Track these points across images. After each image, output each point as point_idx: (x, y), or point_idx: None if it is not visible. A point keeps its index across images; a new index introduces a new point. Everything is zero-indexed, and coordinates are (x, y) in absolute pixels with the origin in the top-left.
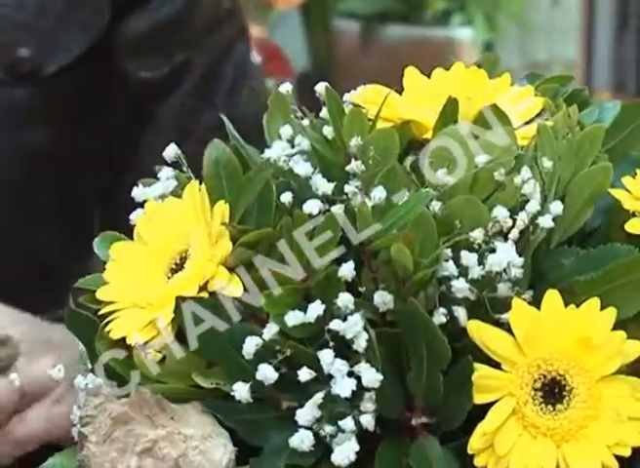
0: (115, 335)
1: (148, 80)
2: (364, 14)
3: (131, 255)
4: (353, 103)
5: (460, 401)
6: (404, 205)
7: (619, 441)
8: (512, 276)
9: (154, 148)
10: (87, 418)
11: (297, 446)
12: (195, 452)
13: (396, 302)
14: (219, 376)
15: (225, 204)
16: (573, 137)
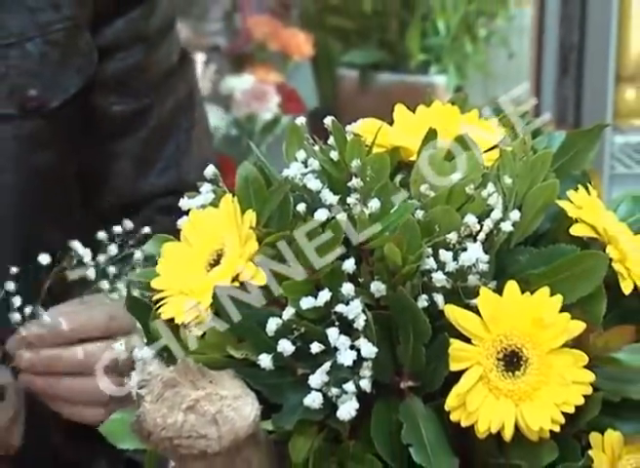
0: (165, 317)
1: (120, 113)
2: (361, 64)
3: (177, 253)
4: (354, 133)
5: (439, 368)
6: (394, 213)
7: (565, 401)
8: (480, 270)
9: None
10: (143, 382)
11: (309, 404)
12: (229, 409)
13: (388, 290)
14: (247, 349)
15: (253, 212)
16: (527, 160)
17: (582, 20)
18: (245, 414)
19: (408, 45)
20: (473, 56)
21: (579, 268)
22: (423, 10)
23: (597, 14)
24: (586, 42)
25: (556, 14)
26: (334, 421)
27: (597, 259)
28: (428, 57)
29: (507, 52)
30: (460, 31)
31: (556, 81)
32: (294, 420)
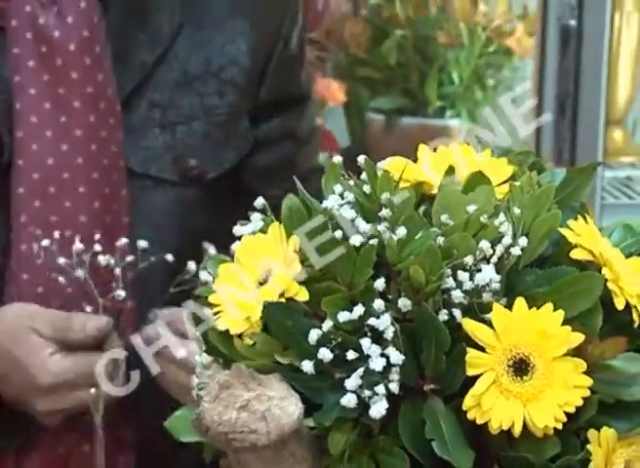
0: (221, 327)
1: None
2: (386, 109)
3: (231, 273)
4: (383, 170)
5: (457, 373)
6: (418, 239)
7: (566, 402)
8: (493, 288)
9: None
10: (202, 384)
11: (345, 404)
12: (276, 408)
13: (413, 306)
14: (292, 356)
15: (297, 237)
16: (533, 193)
17: (577, 72)
18: (290, 413)
19: (427, 93)
20: (483, 102)
21: (578, 287)
22: (440, 63)
23: (590, 66)
24: (580, 90)
25: (554, 66)
26: (366, 419)
27: (594, 279)
28: (444, 103)
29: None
30: (471, 81)
31: (554, 123)
32: (332, 418)
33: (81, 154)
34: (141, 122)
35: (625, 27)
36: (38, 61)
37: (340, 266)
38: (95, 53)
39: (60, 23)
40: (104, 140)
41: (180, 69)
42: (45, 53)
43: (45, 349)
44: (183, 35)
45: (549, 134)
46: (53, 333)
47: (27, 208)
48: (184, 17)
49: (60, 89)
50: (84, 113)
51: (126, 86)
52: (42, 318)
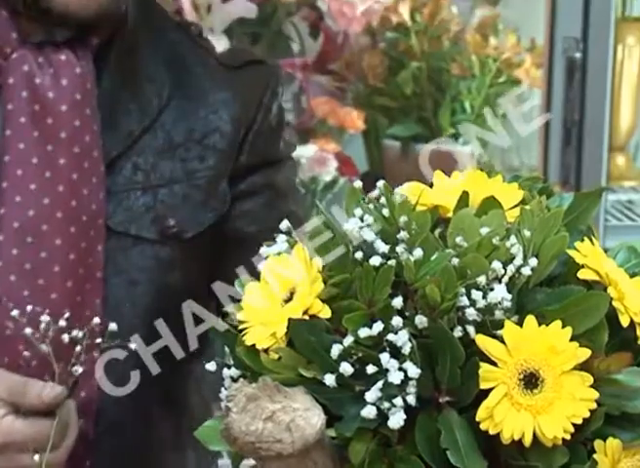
0: (249, 343)
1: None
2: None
3: (258, 291)
4: (401, 194)
5: (471, 386)
6: (434, 260)
7: (574, 414)
8: (504, 306)
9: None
10: (230, 396)
11: (366, 415)
12: (300, 419)
13: (429, 323)
14: (315, 370)
15: (319, 258)
16: (543, 217)
17: (582, 102)
18: (313, 423)
19: (440, 121)
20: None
21: (585, 305)
22: (453, 92)
23: (594, 96)
24: (585, 119)
25: (560, 96)
26: (385, 429)
27: (600, 298)
28: (457, 131)
29: None
30: (482, 110)
31: (560, 150)
32: (353, 428)
33: (61, 208)
34: (125, 184)
35: (627, 60)
36: (30, 119)
37: (361, 285)
38: (85, 115)
39: (55, 85)
40: (85, 198)
41: (164, 138)
42: (37, 111)
43: None
44: (171, 107)
45: (556, 159)
46: (7, 397)
47: (5, 254)
48: (173, 90)
49: (48, 146)
50: (68, 171)
51: (112, 150)
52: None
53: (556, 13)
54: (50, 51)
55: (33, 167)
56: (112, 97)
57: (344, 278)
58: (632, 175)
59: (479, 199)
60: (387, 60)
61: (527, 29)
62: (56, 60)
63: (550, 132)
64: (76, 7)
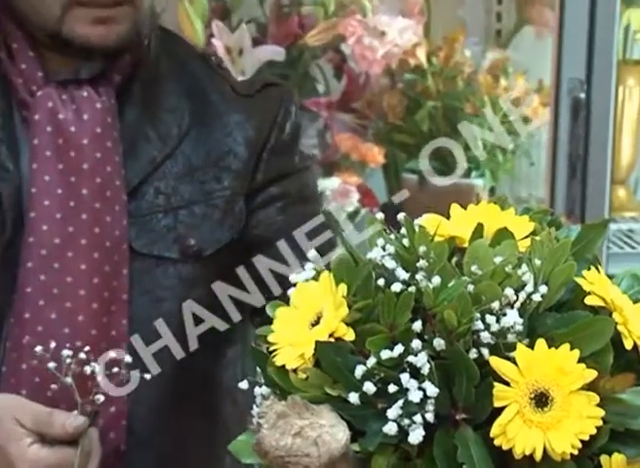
0: (279, 363)
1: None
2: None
3: (287, 315)
4: (420, 225)
5: (486, 404)
6: (451, 287)
7: (581, 430)
8: (516, 330)
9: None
10: (261, 413)
11: (387, 431)
12: (326, 434)
13: (446, 345)
14: (340, 388)
15: (344, 285)
16: (552, 247)
17: (586, 138)
18: (338, 438)
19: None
20: (503, 164)
21: (591, 329)
22: None
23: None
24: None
25: (566, 133)
26: (406, 444)
27: (606, 323)
28: (470, 165)
29: (529, 161)
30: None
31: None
32: (375, 443)
33: (85, 236)
34: (148, 208)
35: (628, 100)
36: (55, 152)
37: (383, 310)
38: (105, 147)
39: (77, 120)
40: (108, 225)
41: (184, 163)
42: (61, 145)
43: (25, 439)
44: (190, 135)
45: (562, 192)
46: (34, 427)
47: (33, 280)
48: (193, 119)
49: (71, 177)
50: (91, 200)
51: (134, 178)
52: (27, 411)
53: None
54: (73, 88)
55: (58, 197)
56: (134, 128)
57: (367, 303)
58: (632, 206)
59: (493, 230)
60: (406, 100)
61: (535, 71)
62: (78, 97)
63: (557, 165)
64: (97, 38)
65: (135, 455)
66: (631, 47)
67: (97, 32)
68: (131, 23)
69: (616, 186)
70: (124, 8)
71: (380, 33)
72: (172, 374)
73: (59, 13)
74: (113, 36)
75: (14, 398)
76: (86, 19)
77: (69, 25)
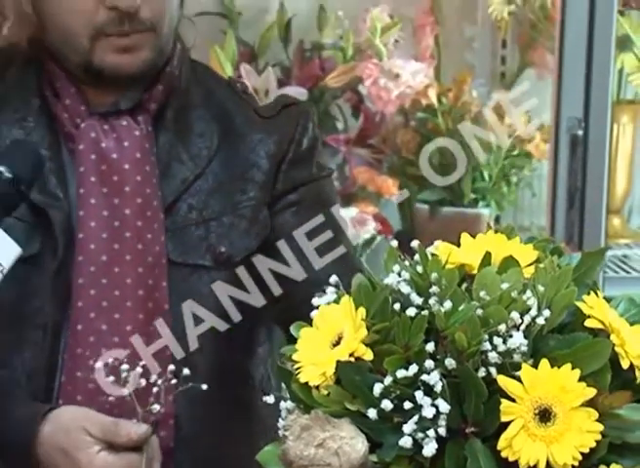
0: (302, 380)
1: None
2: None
3: (310, 336)
4: (432, 253)
5: (493, 419)
6: (461, 311)
7: (582, 444)
8: (522, 351)
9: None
10: (287, 426)
11: (403, 444)
12: (347, 446)
13: (457, 365)
14: (359, 404)
15: (363, 309)
16: (554, 274)
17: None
18: (358, 449)
19: (463, 188)
20: (508, 195)
21: (591, 350)
22: (474, 164)
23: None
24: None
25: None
26: (420, 456)
27: (604, 344)
28: (477, 196)
29: (531, 193)
30: (498, 179)
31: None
32: (392, 455)
33: (129, 252)
34: (182, 222)
35: (622, 136)
36: (99, 177)
37: (398, 332)
38: (144, 171)
39: (118, 147)
40: (149, 241)
41: (214, 180)
42: (104, 170)
43: (94, 447)
44: (219, 156)
45: (562, 221)
46: (102, 435)
47: (85, 295)
48: (221, 142)
49: (115, 199)
50: (133, 219)
51: (169, 196)
52: (94, 421)
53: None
54: (113, 118)
55: (104, 218)
56: (168, 151)
57: (384, 326)
58: (627, 233)
59: (500, 258)
60: (418, 136)
61: (536, 110)
62: (118, 126)
63: (557, 196)
64: (124, 66)
65: (182, 453)
66: (625, 88)
67: (124, 60)
68: (154, 49)
69: (611, 215)
70: (144, 35)
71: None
72: (210, 373)
73: (87, 45)
74: (139, 62)
75: (81, 410)
76: (112, 49)
77: (99, 56)
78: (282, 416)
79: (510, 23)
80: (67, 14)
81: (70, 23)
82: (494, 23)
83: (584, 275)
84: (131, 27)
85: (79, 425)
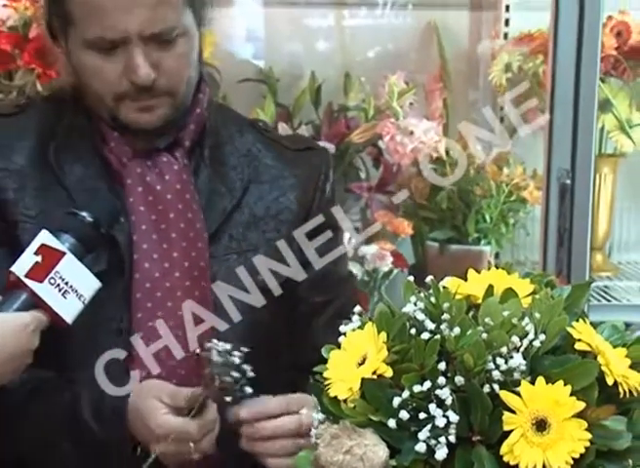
0: (332, 395)
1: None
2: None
3: (339, 356)
4: (443, 286)
5: (496, 429)
6: (469, 336)
7: (572, 450)
8: (521, 370)
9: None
10: (318, 435)
11: (418, 449)
12: (370, 452)
13: (465, 382)
14: (381, 415)
15: (384, 333)
16: (549, 303)
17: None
18: (380, 455)
19: (467, 228)
20: (506, 234)
21: (580, 369)
22: (477, 208)
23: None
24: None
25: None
26: (433, 460)
27: (592, 364)
28: (479, 235)
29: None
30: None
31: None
32: (409, 459)
33: (178, 269)
34: (224, 250)
35: (603, 185)
36: (147, 207)
37: (415, 353)
38: (185, 199)
39: (161, 180)
40: (194, 259)
41: (249, 213)
42: (151, 200)
43: (161, 410)
44: (251, 189)
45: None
46: (168, 401)
47: (143, 308)
48: (251, 174)
49: (162, 225)
50: (179, 241)
51: (212, 225)
52: (163, 390)
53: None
54: (154, 155)
55: (154, 241)
56: (208, 185)
57: (402, 348)
58: (607, 267)
59: (501, 290)
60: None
61: (530, 162)
62: (159, 162)
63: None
64: (144, 123)
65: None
66: (606, 143)
67: (143, 119)
68: (170, 108)
69: (594, 252)
70: (161, 99)
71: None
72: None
73: (112, 104)
74: (156, 119)
75: (155, 382)
76: (133, 109)
77: (122, 114)
78: (314, 426)
79: (508, 88)
80: (95, 80)
81: (98, 88)
82: (494, 88)
83: (573, 304)
84: (148, 95)
85: (152, 393)
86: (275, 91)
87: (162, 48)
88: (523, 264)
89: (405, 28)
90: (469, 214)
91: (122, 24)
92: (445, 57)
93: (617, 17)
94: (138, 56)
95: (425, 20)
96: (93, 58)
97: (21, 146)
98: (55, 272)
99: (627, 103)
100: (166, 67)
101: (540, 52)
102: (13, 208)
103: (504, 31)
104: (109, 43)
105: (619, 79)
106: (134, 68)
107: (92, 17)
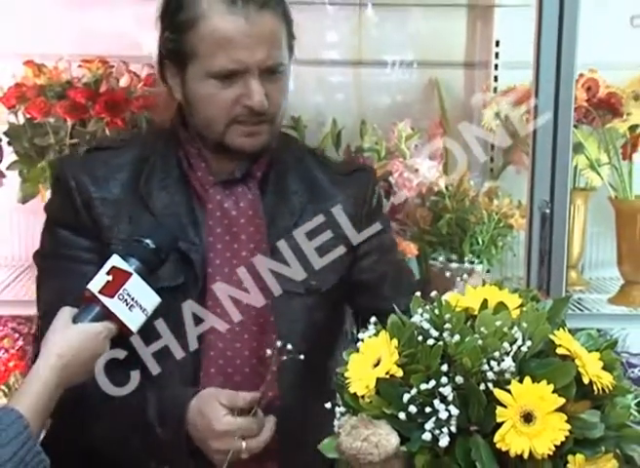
0: (352, 391)
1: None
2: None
3: (358, 359)
4: (445, 300)
5: (490, 420)
6: (467, 343)
7: (555, 438)
8: (511, 371)
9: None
10: (340, 425)
11: (425, 438)
12: (384, 440)
13: (464, 381)
14: (393, 409)
15: (395, 339)
16: (534, 314)
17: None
18: (392, 442)
19: (464, 250)
20: (496, 255)
21: (561, 371)
22: (471, 233)
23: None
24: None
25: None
26: (437, 447)
27: (570, 366)
28: (473, 256)
29: (512, 253)
30: (489, 243)
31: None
32: (417, 446)
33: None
34: (283, 260)
35: (577, 214)
36: (223, 229)
37: (421, 356)
38: (255, 223)
39: (236, 207)
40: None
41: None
42: (227, 224)
43: (221, 411)
44: (308, 209)
45: (535, 274)
46: (227, 403)
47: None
48: (309, 197)
49: (234, 245)
50: (247, 258)
51: (275, 240)
52: (223, 394)
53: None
54: (231, 185)
55: (226, 258)
56: (272, 207)
57: (411, 352)
58: (581, 282)
59: (494, 303)
60: (432, 213)
61: (516, 194)
62: (235, 191)
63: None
64: (248, 147)
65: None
66: (579, 179)
67: (248, 143)
68: (269, 134)
69: (570, 270)
70: (264, 125)
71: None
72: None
73: (222, 129)
74: (258, 144)
75: (215, 389)
76: (241, 134)
77: (230, 138)
78: (337, 418)
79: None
80: (211, 106)
81: (212, 113)
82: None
83: (555, 315)
84: (257, 119)
85: (213, 397)
86: (303, 135)
87: (270, 80)
88: (510, 280)
89: (411, 83)
90: (465, 238)
91: (246, 58)
92: (444, 107)
93: (587, 74)
94: (255, 84)
95: (428, 77)
96: (212, 86)
97: (120, 178)
98: (123, 289)
99: (596, 146)
100: (272, 97)
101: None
102: (108, 233)
103: (494, 86)
104: (230, 72)
105: (589, 126)
106: (251, 94)
107: (220, 51)
